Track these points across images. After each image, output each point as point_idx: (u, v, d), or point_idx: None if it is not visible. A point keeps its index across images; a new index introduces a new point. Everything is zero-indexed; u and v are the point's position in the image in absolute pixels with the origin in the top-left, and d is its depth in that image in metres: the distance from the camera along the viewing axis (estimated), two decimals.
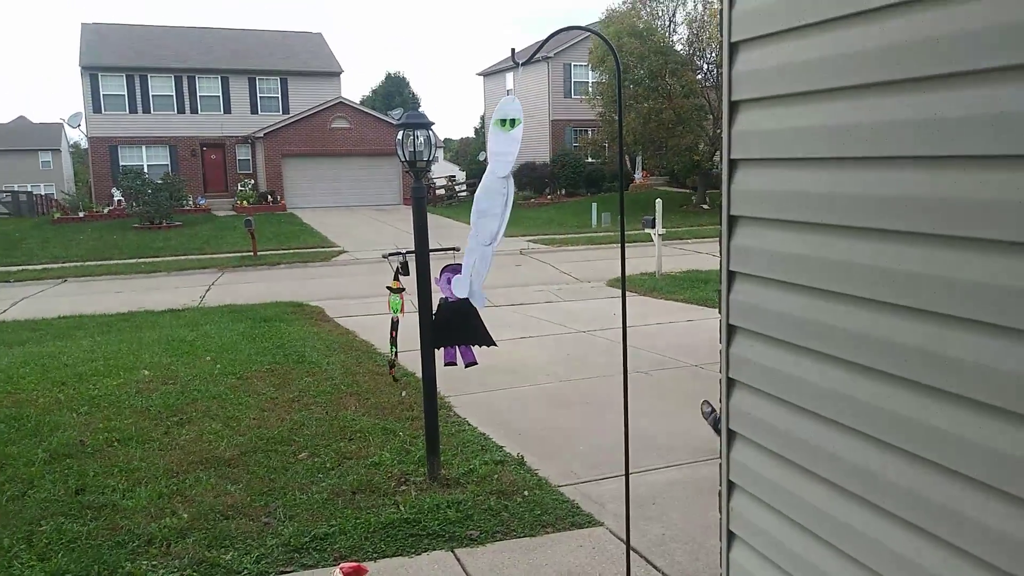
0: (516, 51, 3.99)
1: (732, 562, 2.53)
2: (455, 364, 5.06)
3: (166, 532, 4.34)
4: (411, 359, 5.86)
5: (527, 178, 35.67)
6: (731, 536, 2.53)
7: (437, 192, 37.25)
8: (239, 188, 34.83)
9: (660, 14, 31.93)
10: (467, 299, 4.90)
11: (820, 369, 2.11)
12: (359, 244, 23.25)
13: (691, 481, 5.09)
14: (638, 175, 37.17)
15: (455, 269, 4.91)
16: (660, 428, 6.14)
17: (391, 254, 5.28)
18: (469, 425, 6.26)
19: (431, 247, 5.05)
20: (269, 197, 34.15)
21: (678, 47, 30.44)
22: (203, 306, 13.93)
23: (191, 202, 32.21)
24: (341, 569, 2.42)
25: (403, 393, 6.96)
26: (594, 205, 27.56)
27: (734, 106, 2.37)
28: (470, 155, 47.31)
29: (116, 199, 31.78)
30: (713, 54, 29.75)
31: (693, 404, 6.70)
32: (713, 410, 5.75)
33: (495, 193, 3.87)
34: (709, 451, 5.55)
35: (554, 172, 36.11)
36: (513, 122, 3.65)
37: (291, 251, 22.27)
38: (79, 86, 34.85)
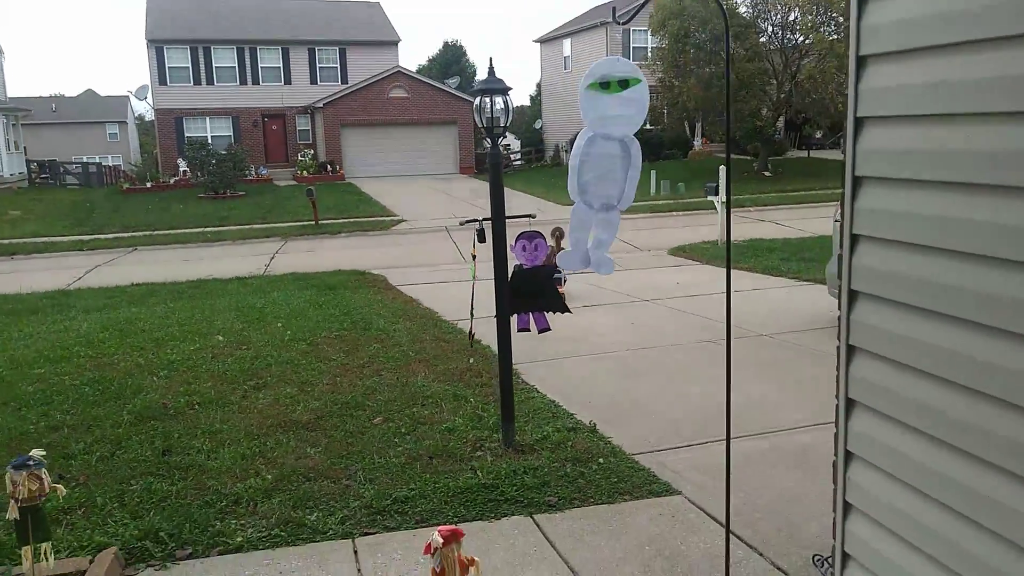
0: (616, 8, 3.79)
1: (848, 533, 2.46)
2: (528, 330, 5.06)
3: (252, 492, 4.44)
4: (479, 324, 5.86)
5: None
6: (847, 507, 2.46)
7: None
8: (299, 158, 35.30)
9: None
10: (543, 266, 4.90)
11: (951, 334, 2.01)
12: (417, 213, 23.39)
13: (766, 451, 5.00)
14: (698, 142, 36.49)
15: (530, 236, 4.88)
16: (731, 398, 6.05)
17: (468, 221, 5.26)
18: (538, 392, 6.26)
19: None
20: (328, 167, 34.55)
21: (742, 9, 29.66)
22: (269, 274, 14.19)
23: (253, 172, 32.82)
24: (439, 531, 2.44)
25: (471, 360, 7.00)
26: (653, 172, 27.15)
27: (862, 60, 2.25)
28: (525, 124, 47.01)
29: (182, 169, 32.55)
30: (778, 16, 28.89)
31: (762, 374, 6.60)
32: None
33: (607, 158, 3.60)
34: (780, 422, 5.46)
35: None
36: (625, 83, 3.48)
37: (351, 220, 22.49)
38: (145, 59, 35.62)
